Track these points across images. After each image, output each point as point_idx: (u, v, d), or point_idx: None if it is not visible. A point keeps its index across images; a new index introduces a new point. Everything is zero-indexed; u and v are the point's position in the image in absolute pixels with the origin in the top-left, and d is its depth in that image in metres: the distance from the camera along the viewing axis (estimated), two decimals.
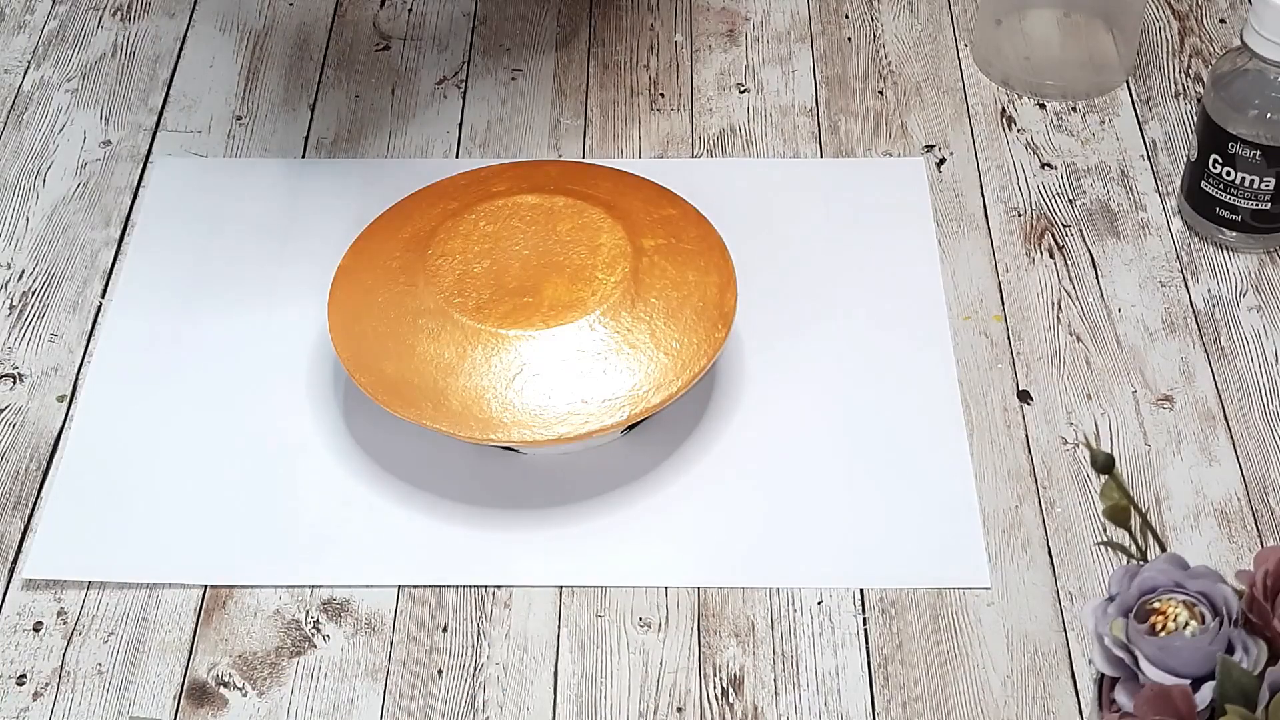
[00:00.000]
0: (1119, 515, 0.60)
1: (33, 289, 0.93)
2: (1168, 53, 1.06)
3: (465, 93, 1.04)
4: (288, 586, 0.79)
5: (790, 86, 1.04)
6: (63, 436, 0.86)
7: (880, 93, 1.04)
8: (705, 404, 0.86)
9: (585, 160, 0.99)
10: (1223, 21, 1.08)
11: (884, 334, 0.89)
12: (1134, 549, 0.61)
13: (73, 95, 1.04)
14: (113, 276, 0.93)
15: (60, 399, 0.87)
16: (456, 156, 1.00)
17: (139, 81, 1.05)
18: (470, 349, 0.81)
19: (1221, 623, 0.56)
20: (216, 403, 0.87)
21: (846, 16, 1.09)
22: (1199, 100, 0.96)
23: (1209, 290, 0.92)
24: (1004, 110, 1.02)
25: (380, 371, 0.81)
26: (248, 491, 0.83)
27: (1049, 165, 0.99)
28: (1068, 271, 0.93)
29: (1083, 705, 0.74)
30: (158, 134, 1.02)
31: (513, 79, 1.05)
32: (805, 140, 1.01)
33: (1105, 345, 0.89)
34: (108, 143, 1.01)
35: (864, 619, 0.77)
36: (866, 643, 0.77)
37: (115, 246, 0.95)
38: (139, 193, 0.98)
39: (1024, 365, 0.88)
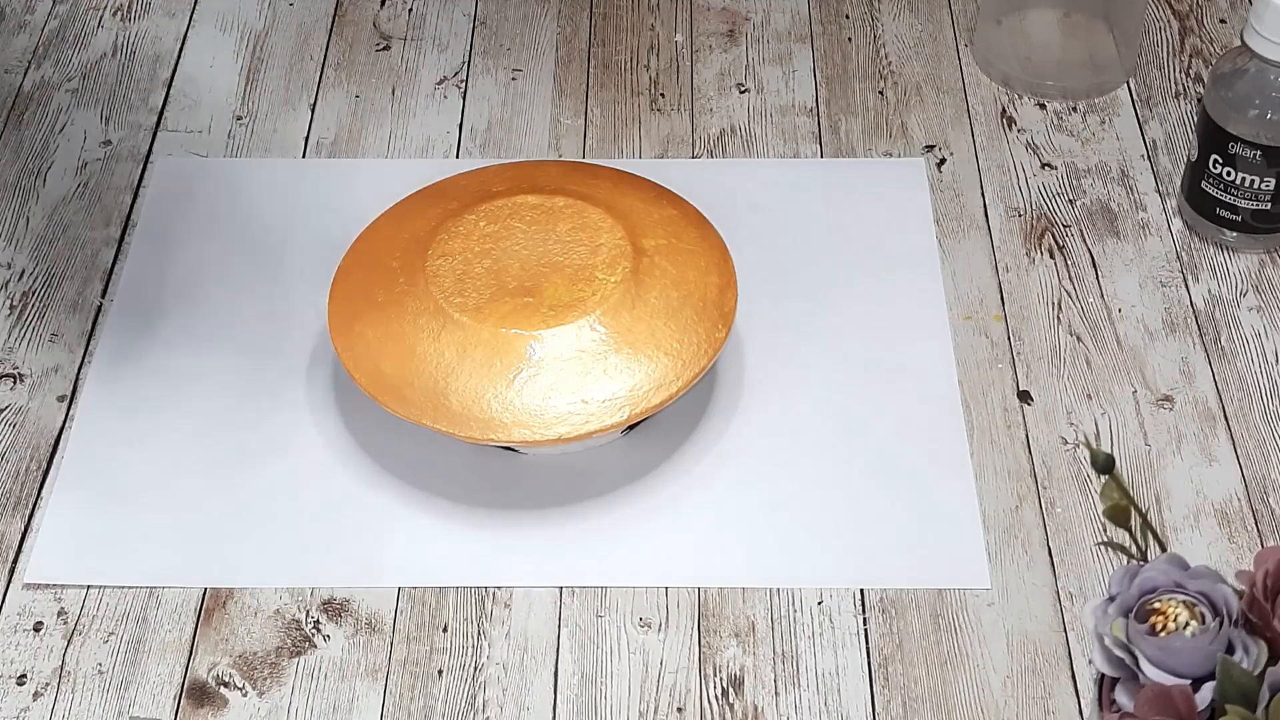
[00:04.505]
0: (1119, 515, 0.60)
1: (33, 289, 0.93)
2: (1168, 53, 1.06)
3: (465, 93, 1.04)
4: (288, 586, 0.79)
5: (790, 86, 1.04)
6: (63, 436, 0.86)
7: (880, 93, 1.04)
8: (705, 404, 0.86)
9: (585, 160, 0.99)
10: (1223, 21, 1.08)
11: (884, 334, 0.89)
12: (1134, 549, 0.61)
13: (73, 95, 1.04)
14: (113, 276, 0.93)
15: (60, 399, 0.87)
16: (457, 157, 1.00)
17: (139, 81, 1.05)
18: (470, 349, 0.81)
19: (1222, 623, 0.56)
20: (216, 403, 0.87)
21: (847, 16, 1.09)
22: (1199, 100, 0.96)
23: (1209, 290, 0.92)
24: (1004, 110, 1.02)
25: (380, 371, 0.81)
26: (248, 491, 0.83)
27: (1049, 165, 0.99)
28: (1068, 271, 0.93)
29: (1083, 705, 0.74)
30: (158, 134, 1.02)
31: (513, 79, 1.05)
32: (805, 140, 1.01)
33: (1105, 345, 0.89)
34: (108, 143, 1.01)
35: (864, 619, 0.77)
36: (867, 643, 0.76)
37: (116, 246, 0.95)
38: (139, 193, 0.98)
39: (1024, 365, 0.88)
